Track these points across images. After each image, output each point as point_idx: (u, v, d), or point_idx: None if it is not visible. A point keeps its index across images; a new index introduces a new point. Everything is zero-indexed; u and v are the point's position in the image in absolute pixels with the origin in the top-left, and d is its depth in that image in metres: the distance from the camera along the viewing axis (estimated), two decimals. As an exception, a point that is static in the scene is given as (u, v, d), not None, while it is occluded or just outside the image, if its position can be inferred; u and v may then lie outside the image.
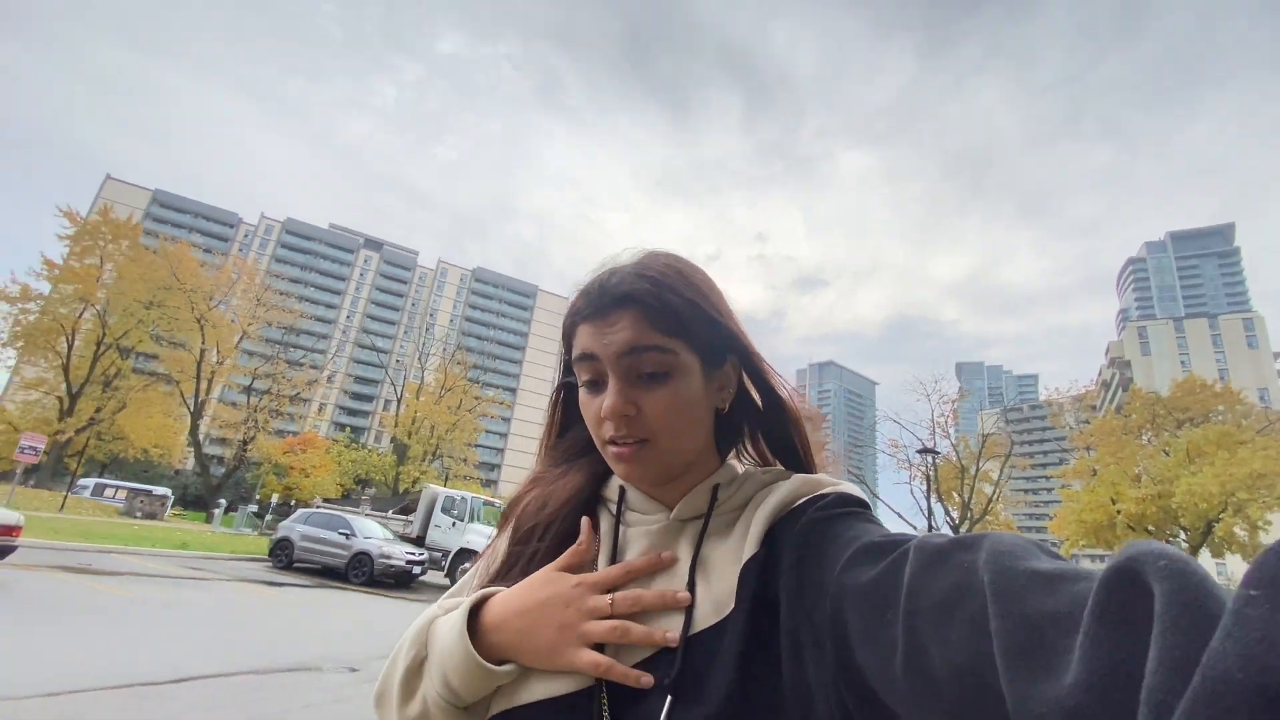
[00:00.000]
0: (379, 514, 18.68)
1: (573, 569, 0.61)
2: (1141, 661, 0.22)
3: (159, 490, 40.29)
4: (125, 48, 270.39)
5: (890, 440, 32.83)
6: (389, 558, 14.50)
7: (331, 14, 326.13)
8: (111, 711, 4.33)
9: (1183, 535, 27.44)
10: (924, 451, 22.47)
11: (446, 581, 16.36)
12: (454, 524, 17.24)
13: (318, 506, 18.80)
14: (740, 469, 0.67)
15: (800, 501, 0.58)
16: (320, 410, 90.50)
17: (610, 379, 0.60)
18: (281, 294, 42.47)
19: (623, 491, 0.67)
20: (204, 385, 34.24)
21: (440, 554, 16.80)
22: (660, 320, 0.59)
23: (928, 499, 19.10)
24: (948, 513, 30.44)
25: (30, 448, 16.38)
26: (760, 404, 0.67)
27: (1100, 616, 0.24)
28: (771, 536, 0.57)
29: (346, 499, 39.78)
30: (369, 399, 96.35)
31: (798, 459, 0.67)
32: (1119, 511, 27.73)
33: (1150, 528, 27.55)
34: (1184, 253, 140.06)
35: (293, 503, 44.92)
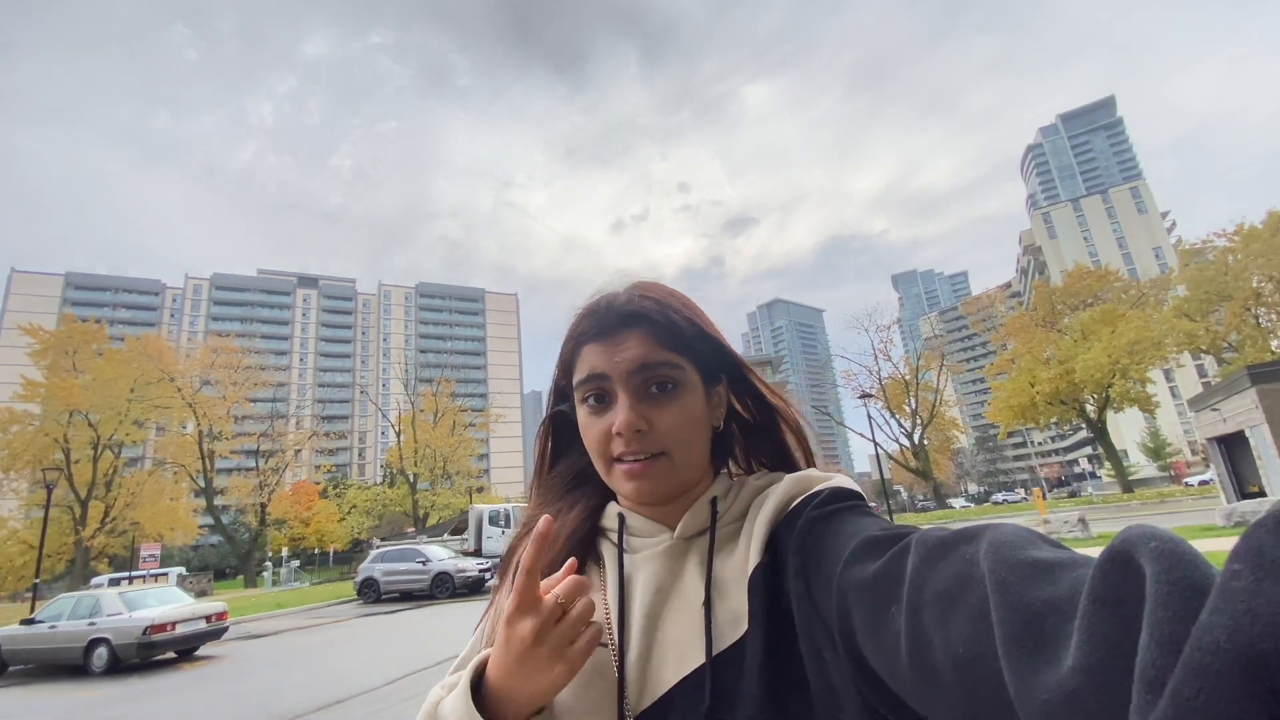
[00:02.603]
0: (436, 539, 21.67)
1: (523, 609, 0.56)
2: (1136, 640, 0.22)
3: (173, 570, 41.85)
4: None
5: (843, 372, 37.18)
6: (464, 571, 17.62)
7: (182, 36, 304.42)
8: (420, 683, 7.47)
9: (1091, 401, 32.69)
10: (863, 397, 26.58)
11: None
12: (502, 532, 20.49)
13: (377, 548, 21.60)
14: (731, 479, 0.69)
15: (795, 502, 0.59)
16: (297, 455, 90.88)
17: (620, 395, 0.61)
18: (257, 353, 43.70)
19: (621, 520, 0.67)
20: (208, 463, 35.88)
21: (497, 560, 20.08)
22: (667, 337, 0.62)
23: (871, 428, 23.01)
24: (900, 424, 35.07)
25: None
26: (752, 419, 0.71)
27: (1095, 600, 0.25)
28: (774, 542, 0.57)
29: (357, 546, 42.08)
30: (342, 435, 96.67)
31: (795, 467, 0.69)
32: (1037, 392, 32.75)
33: (1064, 400, 32.71)
34: (1074, 131, 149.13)
35: (316, 552, 46.92)
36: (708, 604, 0.57)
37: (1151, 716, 0.19)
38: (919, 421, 35.18)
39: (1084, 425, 33.88)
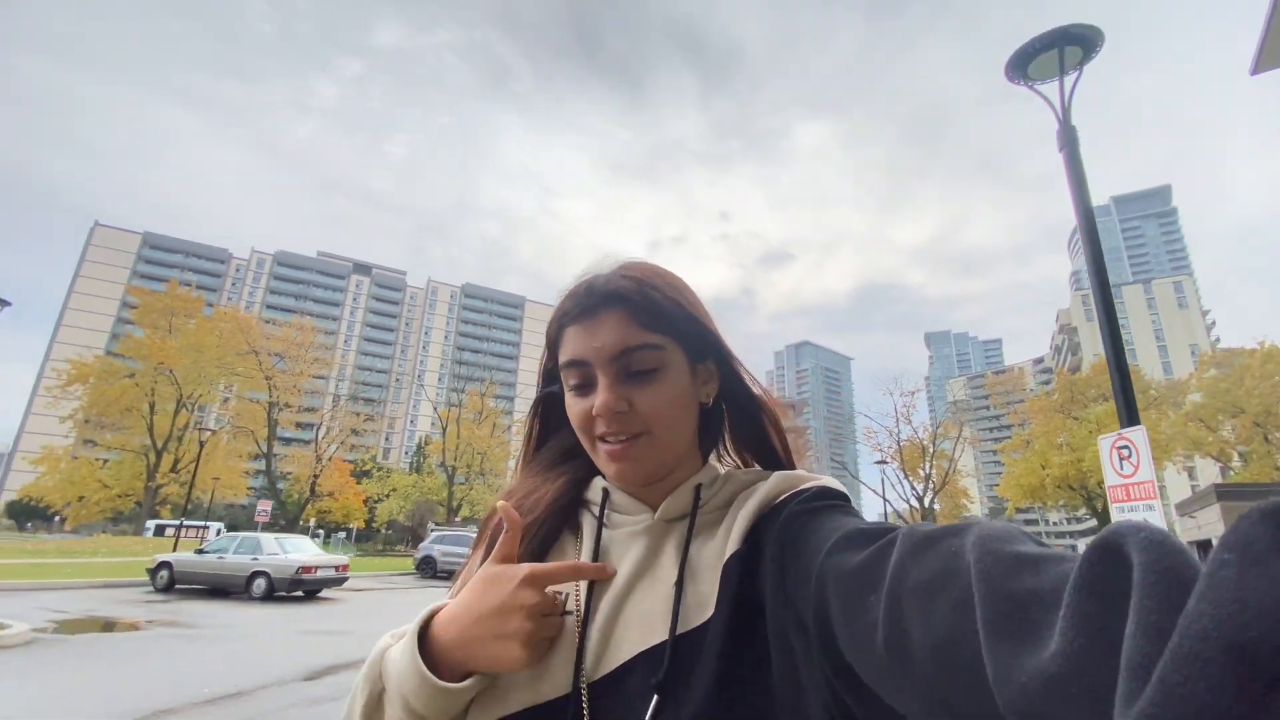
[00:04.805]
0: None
1: (509, 561, 0.59)
2: (1121, 628, 0.22)
3: (214, 525, 45.45)
4: (43, 59, 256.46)
5: (865, 429, 39.28)
6: (513, 564, 20.36)
7: (260, 11, 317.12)
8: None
9: (1099, 490, 34.28)
10: (880, 463, 28.85)
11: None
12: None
13: (433, 531, 24.45)
14: (721, 470, 0.68)
15: (782, 497, 0.59)
16: (328, 434, 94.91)
17: (600, 378, 0.61)
18: (326, 332, 47.30)
19: (606, 494, 0.68)
20: (273, 431, 39.31)
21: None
22: (646, 317, 0.61)
23: (883, 488, 25.17)
24: (913, 486, 36.90)
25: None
26: (738, 403, 0.70)
27: (1081, 589, 0.25)
28: (754, 534, 0.58)
29: (390, 527, 45.11)
30: (372, 418, 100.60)
31: (776, 458, 0.69)
32: (1048, 475, 34.46)
33: (1072, 486, 34.38)
34: (1126, 215, 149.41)
35: (351, 528, 50.03)
36: (679, 584, 0.58)
37: (1138, 703, 0.19)
38: (931, 486, 37.02)
39: (1090, 513, 35.46)
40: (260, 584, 12.84)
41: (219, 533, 40.72)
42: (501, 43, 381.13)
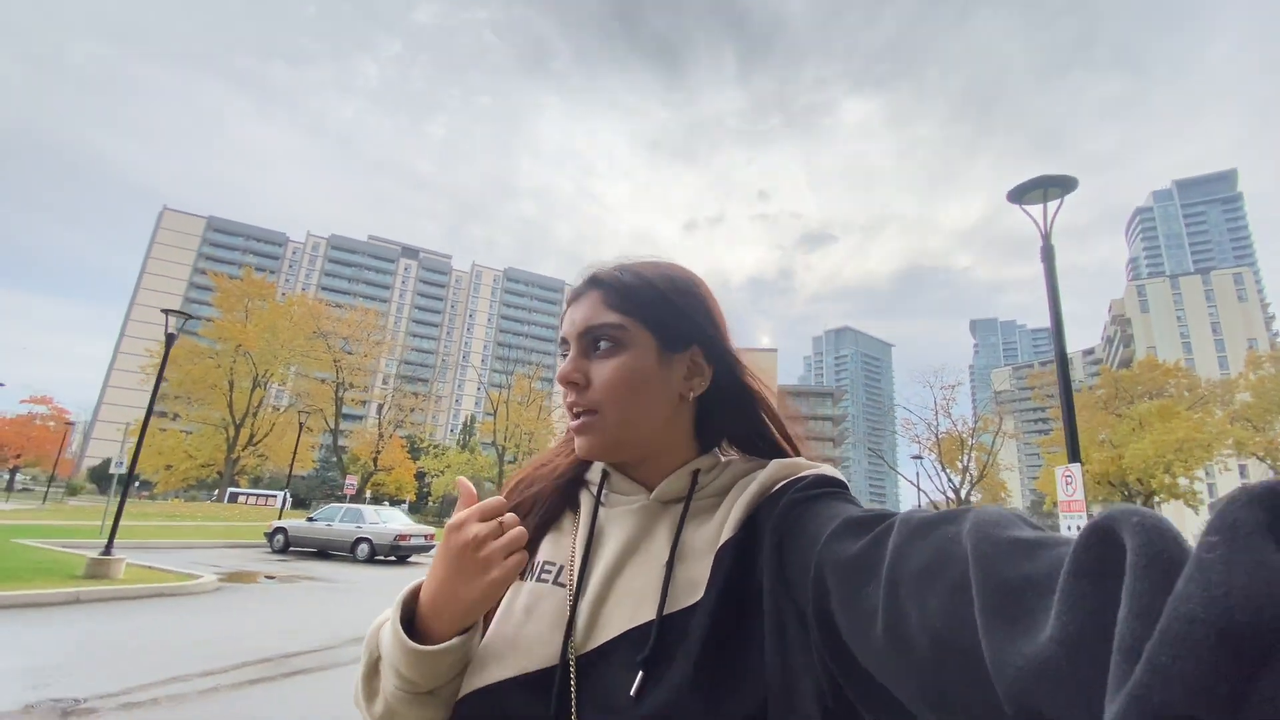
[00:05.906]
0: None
1: (469, 519, 0.60)
2: (1115, 612, 0.23)
3: (280, 493, 48.77)
4: (94, 40, 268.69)
5: (904, 421, 40.01)
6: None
7: None
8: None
9: (1139, 489, 34.49)
10: (915, 458, 29.79)
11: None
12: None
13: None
14: (723, 459, 0.69)
15: (779, 485, 0.60)
16: (380, 410, 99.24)
17: (570, 352, 0.66)
18: (379, 314, 49.95)
19: (605, 475, 0.69)
20: (339, 408, 42.21)
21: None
22: (615, 298, 0.64)
23: (918, 480, 26.23)
24: (950, 479, 37.57)
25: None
26: (728, 399, 0.69)
27: (1075, 573, 0.26)
28: (752, 521, 0.59)
29: (442, 501, 48.05)
30: (425, 398, 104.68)
31: (779, 449, 0.69)
32: (1087, 471, 34.75)
33: (1111, 482, 34.63)
34: (1189, 200, 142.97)
35: (407, 500, 53.26)
36: (669, 564, 0.59)
37: (1128, 684, 0.20)
38: (970, 479, 37.61)
39: (1130, 508, 35.61)
40: (364, 548, 14.87)
41: (284, 501, 44.31)
42: (540, 19, 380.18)
